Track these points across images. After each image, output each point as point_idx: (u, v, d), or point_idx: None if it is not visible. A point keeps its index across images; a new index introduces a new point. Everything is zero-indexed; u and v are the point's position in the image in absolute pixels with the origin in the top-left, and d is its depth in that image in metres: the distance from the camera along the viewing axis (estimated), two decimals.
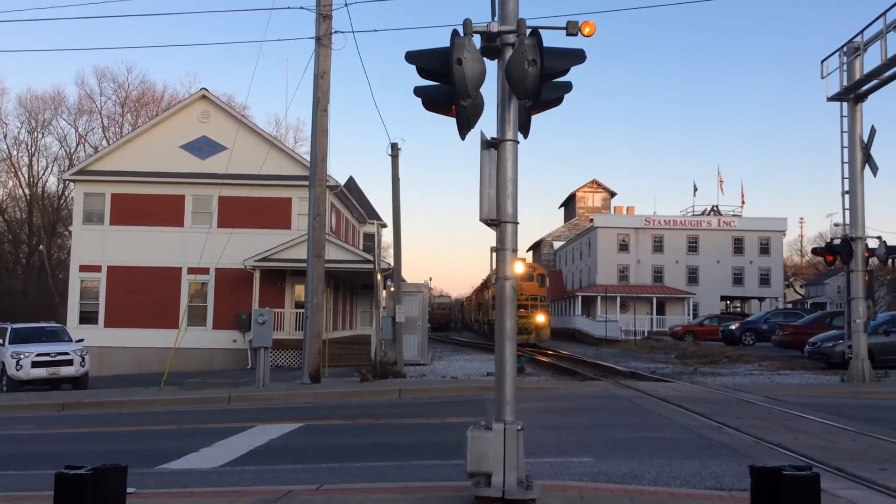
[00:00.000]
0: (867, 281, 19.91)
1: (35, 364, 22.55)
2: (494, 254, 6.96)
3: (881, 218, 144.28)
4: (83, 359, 23.35)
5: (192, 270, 31.87)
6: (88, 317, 33.66)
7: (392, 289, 26.56)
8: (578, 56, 6.84)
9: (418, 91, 7.19)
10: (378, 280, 27.00)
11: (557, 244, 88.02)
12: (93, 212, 34.31)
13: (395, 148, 24.94)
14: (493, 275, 7.20)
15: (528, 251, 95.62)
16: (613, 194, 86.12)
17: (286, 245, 31.64)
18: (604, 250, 67.14)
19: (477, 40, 6.75)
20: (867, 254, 19.82)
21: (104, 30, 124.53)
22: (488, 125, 11.66)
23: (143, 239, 33.60)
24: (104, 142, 64.19)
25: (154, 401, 18.09)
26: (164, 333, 29.82)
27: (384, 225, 49.71)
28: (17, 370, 22.39)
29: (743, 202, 74.79)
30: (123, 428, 14.26)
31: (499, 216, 6.77)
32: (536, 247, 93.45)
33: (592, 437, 10.98)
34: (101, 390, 21.73)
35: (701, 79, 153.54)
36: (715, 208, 73.36)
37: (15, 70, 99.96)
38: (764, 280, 67.64)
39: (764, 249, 67.73)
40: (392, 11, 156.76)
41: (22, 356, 22.51)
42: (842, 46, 19.90)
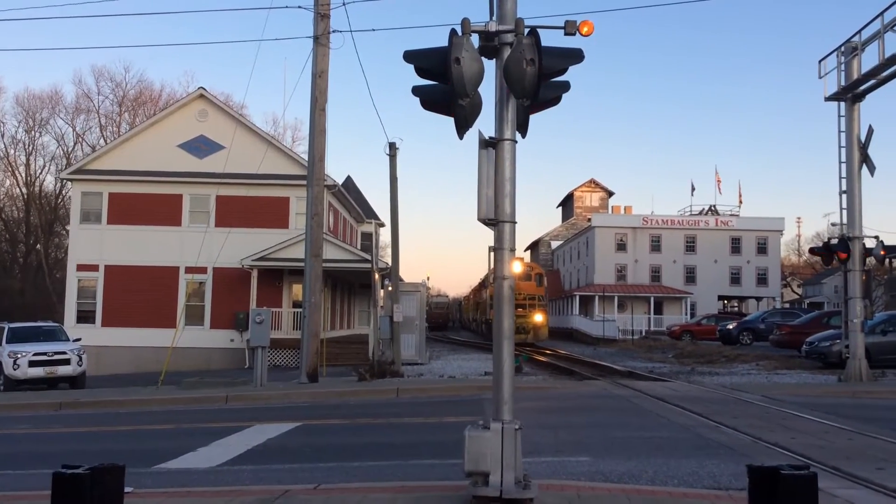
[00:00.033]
0: (864, 280, 19.94)
1: (32, 363, 22.55)
2: (492, 253, 6.96)
3: (878, 217, 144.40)
4: (80, 358, 23.33)
5: (190, 270, 31.84)
6: (86, 316, 33.64)
7: (390, 288, 26.57)
8: (576, 55, 6.84)
9: (416, 90, 7.19)
10: (376, 279, 27.03)
11: (555, 244, 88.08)
12: (90, 211, 34.27)
13: (393, 147, 24.93)
14: (491, 274, 7.18)
15: (526, 251, 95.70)
16: (611, 194, 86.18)
17: (284, 244, 31.61)
18: (601, 250, 67.19)
19: (475, 40, 6.75)
20: (865, 253, 19.87)
21: (102, 29, 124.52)
22: (486, 125, 11.66)
23: (141, 238, 33.57)
24: (102, 141, 64.10)
25: (151, 400, 18.08)
26: (162, 333, 29.79)
27: (382, 224, 49.70)
28: (15, 369, 22.38)
29: (740, 202, 75.32)
30: (121, 427, 14.26)
31: (497, 216, 6.77)
32: (534, 246, 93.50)
33: (590, 437, 10.99)
34: (99, 390, 21.71)
35: (699, 78, 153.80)
36: (712, 208, 73.46)
37: (12, 69, 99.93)
38: (761, 280, 67.75)
39: (761, 249, 67.82)
40: (390, 11, 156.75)
41: (19, 355, 22.50)
42: (839, 46, 19.92)
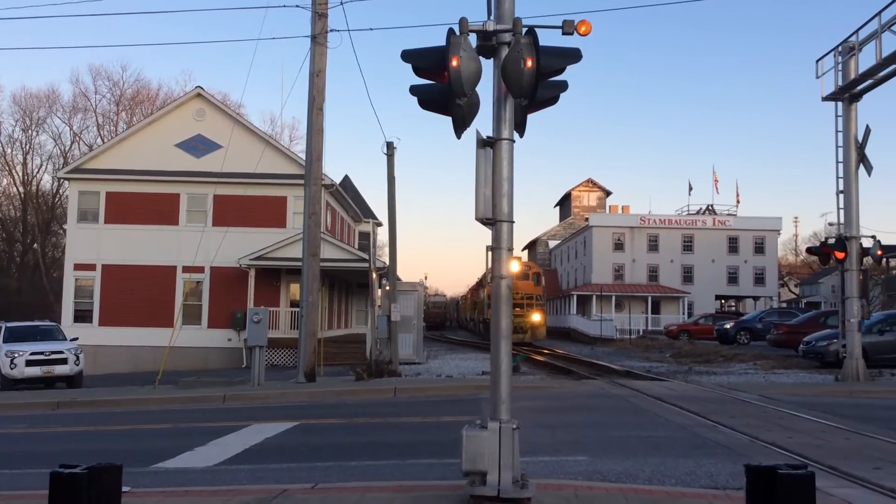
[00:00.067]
0: (862, 280, 19.97)
1: (29, 363, 22.54)
2: (490, 253, 6.95)
3: (876, 217, 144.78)
4: (77, 357, 23.30)
5: (187, 269, 31.83)
6: (83, 315, 33.60)
7: (387, 287, 26.56)
8: (574, 55, 6.84)
9: (414, 90, 7.18)
10: (373, 279, 27.04)
11: (553, 243, 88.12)
12: (87, 210, 34.23)
13: (391, 147, 24.94)
14: (489, 273, 7.17)
15: (524, 250, 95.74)
16: (609, 193, 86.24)
17: (281, 244, 31.60)
18: (599, 249, 67.23)
19: (473, 39, 6.74)
20: (862, 253, 19.90)
21: (99, 28, 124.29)
22: (484, 124, 11.65)
23: (138, 237, 33.53)
24: (99, 140, 64.01)
25: (149, 399, 18.06)
26: (159, 332, 29.76)
27: (380, 224, 49.70)
28: (12, 369, 22.36)
29: (738, 201, 74.96)
30: (118, 427, 14.25)
31: (494, 215, 6.77)
32: (532, 246, 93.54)
33: (588, 436, 10.99)
34: (96, 389, 21.69)
35: (696, 78, 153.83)
36: (710, 207, 73.50)
37: (9, 67, 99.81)
38: (759, 279, 67.82)
39: (759, 249, 67.90)
40: (388, 10, 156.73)
41: (16, 355, 22.49)
42: (837, 46, 19.94)
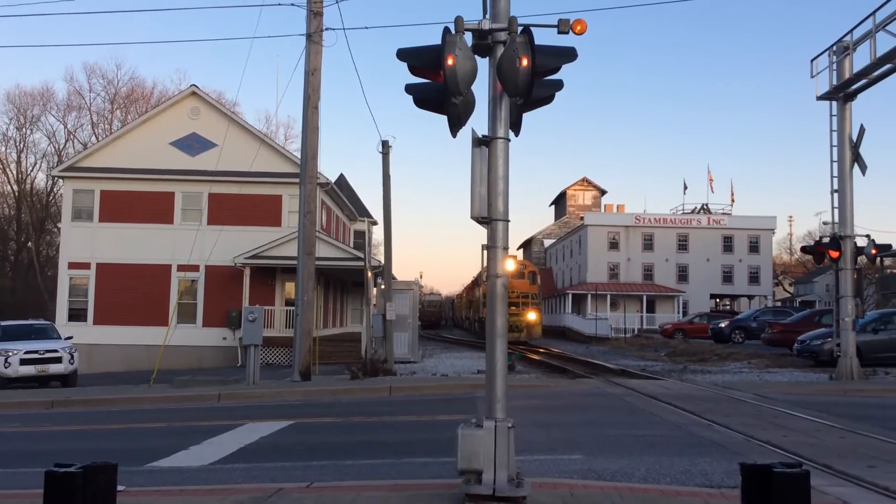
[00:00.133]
0: (856, 279, 20.02)
1: (23, 361, 22.48)
2: (485, 251, 6.96)
3: (870, 216, 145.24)
4: (72, 356, 23.26)
5: (182, 268, 31.75)
6: (77, 314, 33.52)
7: (382, 286, 26.52)
8: (570, 54, 6.84)
9: (410, 88, 7.18)
10: (368, 277, 26.99)
11: (548, 242, 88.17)
12: (82, 208, 34.14)
13: (386, 145, 24.91)
14: (484, 272, 7.18)
15: (519, 249, 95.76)
16: (604, 192, 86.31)
17: (276, 242, 31.56)
18: (594, 248, 67.28)
19: (468, 38, 6.74)
20: (856, 252, 19.94)
21: (93, 26, 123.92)
22: (480, 123, 11.65)
23: (133, 236, 33.46)
24: (93, 138, 63.83)
25: (143, 398, 18.02)
26: (154, 331, 29.75)
27: (375, 222, 49.67)
28: (6, 367, 22.30)
29: (733, 200, 75.10)
30: (113, 426, 14.22)
31: (490, 214, 6.77)
32: (527, 244, 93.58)
33: (583, 435, 11.00)
34: (90, 388, 21.63)
35: (691, 77, 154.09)
36: (705, 206, 73.62)
37: (3, 65, 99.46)
38: (753, 278, 67.95)
39: (753, 247, 68.03)
40: (383, 9, 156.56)
41: (10, 353, 22.42)
42: (831, 46, 19.97)
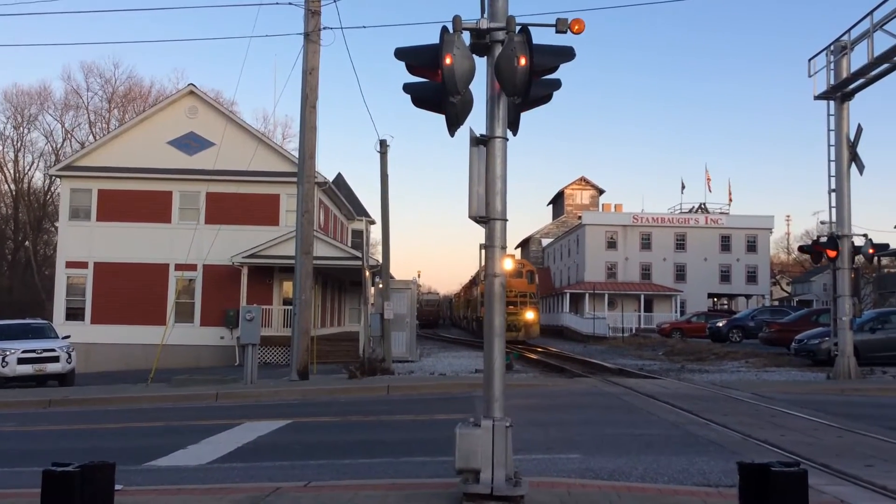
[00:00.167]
0: (853, 278, 20.03)
1: (21, 361, 22.44)
2: (483, 251, 6.96)
3: (867, 216, 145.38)
4: (69, 355, 23.23)
5: (180, 267, 31.76)
6: (75, 313, 33.52)
7: (380, 285, 26.52)
8: (567, 53, 6.83)
9: (408, 88, 7.18)
10: (366, 277, 26.98)
11: (546, 241, 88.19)
12: (79, 208, 34.12)
13: (384, 144, 24.89)
14: (482, 271, 7.18)
15: (517, 248, 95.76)
16: (602, 192, 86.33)
17: (274, 242, 31.56)
18: (592, 247, 67.30)
19: (466, 37, 6.74)
20: (854, 252, 19.96)
21: (91, 25, 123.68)
22: (477, 122, 11.66)
23: (130, 235, 33.45)
24: (91, 137, 63.81)
25: (141, 398, 18.00)
26: (152, 330, 29.73)
27: (372, 222, 49.63)
28: (3, 367, 22.26)
29: (730, 200, 75.58)
30: (110, 425, 14.20)
31: (488, 213, 6.77)
32: (525, 244, 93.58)
33: (581, 434, 11.01)
34: (88, 387, 21.61)
35: (689, 77, 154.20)
36: (702, 206, 73.70)
37: (1, 64, 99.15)
38: (751, 277, 68.00)
39: (751, 247, 68.08)
40: (381, 8, 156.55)
41: (8, 353, 22.39)
42: (829, 45, 19.98)
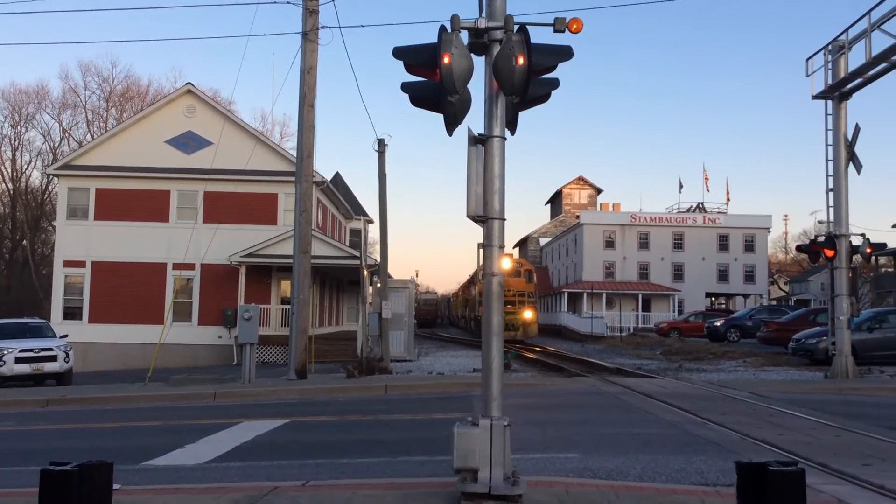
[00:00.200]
0: (851, 278, 20.05)
1: (18, 360, 22.44)
2: (481, 250, 6.95)
3: (865, 215, 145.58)
4: (67, 355, 23.21)
5: (178, 266, 31.72)
6: (72, 312, 33.49)
7: (378, 285, 26.52)
8: (566, 53, 6.83)
9: (406, 87, 7.17)
10: (364, 276, 27.00)
11: (544, 241, 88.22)
12: (77, 207, 34.09)
13: (382, 144, 24.89)
14: (480, 271, 7.18)
15: (515, 247, 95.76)
16: (599, 191, 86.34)
17: (272, 241, 31.54)
18: (590, 247, 67.32)
19: (464, 36, 6.74)
20: (851, 251, 19.98)
21: (88, 23, 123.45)
22: (475, 121, 11.66)
23: (128, 234, 33.42)
24: (88, 136, 63.72)
25: (139, 397, 17.99)
26: (149, 329, 29.71)
27: (371, 221, 49.66)
28: (1, 366, 22.25)
29: (728, 199, 75.71)
30: (108, 424, 14.19)
31: (486, 212, 6.76)
32: (523, 243, 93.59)
33: (579, 434, 11.01)
34: (86, 386, 21.61)
35: (687, 76, 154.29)
36: (700, 205, 73.71)
37: None
38: (749, 277, 68.05)
39: (749, 246, 68.12)
40: (379, 7, 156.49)
41: (5, 352, 22.38)
42: (827, 45, 19.99)
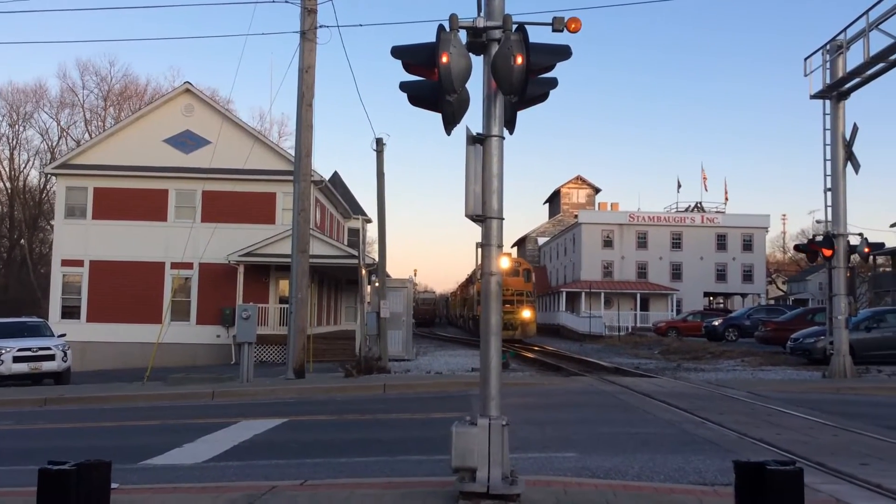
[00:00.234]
0: (849, 277, 20.07)
1: (16, 359, 22.42)
2: (480, 249, 6.95)
3: (863, 215, 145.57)
4: (65, 354, 23.19)
5: (176, 265, 31.68)
6: (70, 311, 33.46)
7: (377, 284, 26.52)
8: (564, 52, 6.83)
9: (404, 86, 7.17)
10: (363, 275, 27.01)
11: (542, 240, 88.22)
12: (75, 206, 34.06)
13: (380, 143, 24.89)
14: (479, 270, 7.16)
15: (513, 247, 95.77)
16: (598, 190, 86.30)
17: (270, 240, 31.53)
18: (588, 246, 67.32)
19: (463, 36, 6.74)
20: (849, 251, 20.00)
21: (86, 22, 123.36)
22: (474, 121, 11.64)
23: (126, 233, 33.39)
24: (87, 135, 63.64)
25: (137, 396, 17.98)
26: (147, 328, 29.68)
27: (369, 220, 49.61)
28: None
29: (726, 199, 75.31)
30: (106, 423, 14.18)
31: (484, 212, 6.76)
32: (521, 242, 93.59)
33: (577, 433, 11.01)
34: (84, 385, 21.60)
35: (686, 76, 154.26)
36: (698, 205, 73.72)
37: None
38: (747, 276, 68.08)
39: (747, 246, 68.14)
40: (378, 7, 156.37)
41: (3, 351, 22.36)
42: (825, 44, 20.00)
